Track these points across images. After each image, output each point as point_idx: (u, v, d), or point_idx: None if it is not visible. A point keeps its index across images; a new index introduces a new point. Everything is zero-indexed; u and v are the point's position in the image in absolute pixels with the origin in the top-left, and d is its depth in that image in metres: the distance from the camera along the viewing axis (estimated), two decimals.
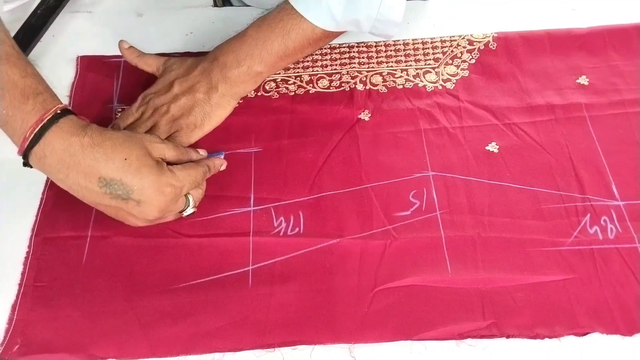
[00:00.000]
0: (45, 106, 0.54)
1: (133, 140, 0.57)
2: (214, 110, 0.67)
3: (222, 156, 0.66)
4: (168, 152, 0.59)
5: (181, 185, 0.57)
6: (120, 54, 0.72)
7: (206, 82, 0.67)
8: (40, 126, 0.53)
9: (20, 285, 0.58)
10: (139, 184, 0.55)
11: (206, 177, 0.62)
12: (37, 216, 0.62)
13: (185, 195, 0.59)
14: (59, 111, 0.54)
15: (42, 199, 0.64)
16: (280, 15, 0.67)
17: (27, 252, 0.60)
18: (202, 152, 0.64)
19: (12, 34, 0.71)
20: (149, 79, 0.70)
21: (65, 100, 0.71)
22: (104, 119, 0.69)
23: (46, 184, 0.64)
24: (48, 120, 0.53)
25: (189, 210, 0.60)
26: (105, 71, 0.74)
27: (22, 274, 0.59)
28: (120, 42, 0.71)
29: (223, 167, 0.65)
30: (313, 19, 0.66)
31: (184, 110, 0.66)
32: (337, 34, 0.71)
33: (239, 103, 0.70)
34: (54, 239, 0.61)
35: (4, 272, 0.59)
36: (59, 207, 0.63)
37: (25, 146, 0.53)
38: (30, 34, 0.76)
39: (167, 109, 0.65)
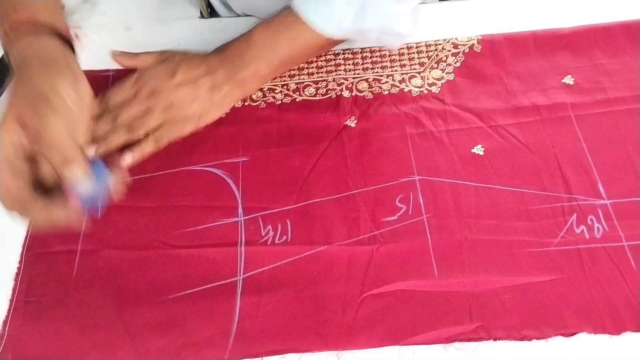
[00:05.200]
0: None
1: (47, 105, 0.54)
2: (212, 109, 0.67)
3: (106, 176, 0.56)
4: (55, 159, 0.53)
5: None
6: (109, 68, 0.73)
7: (210, 80, 0.67)
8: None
9: (11, 301, 0.59)
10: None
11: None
12: (28, 231, 0.63)
13: None
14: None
15: None
16: (285, 22, 0.67)
17: (19, 268, 0.61)
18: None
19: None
20: None
21: None
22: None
23: None
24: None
25: None
26: (95, 85, 0.73)
27: (14, 289, 0.59)
28: (112, 52, 0.70)
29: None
30: (320, 26, 0.66)
31: (182, 102, 0.65)
32: (341, 41, 0.72)
33: (226, 114, 0.70)
34: (45, 254, 0.61)
35: None
36: None
37: None
38: None
39: (167, 95, 0.64)
